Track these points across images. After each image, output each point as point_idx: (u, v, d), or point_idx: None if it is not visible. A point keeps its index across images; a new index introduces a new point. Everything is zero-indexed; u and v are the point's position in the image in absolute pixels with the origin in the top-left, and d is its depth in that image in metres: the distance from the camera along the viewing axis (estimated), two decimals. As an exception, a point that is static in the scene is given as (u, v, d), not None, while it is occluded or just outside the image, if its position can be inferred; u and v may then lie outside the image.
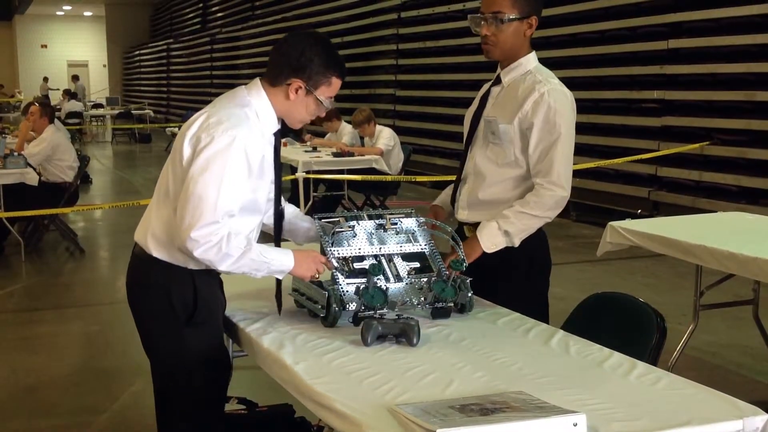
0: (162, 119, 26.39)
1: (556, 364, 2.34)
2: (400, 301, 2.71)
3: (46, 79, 33.41)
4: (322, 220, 2.86)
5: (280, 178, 2.75)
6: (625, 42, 9.51)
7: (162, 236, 2.60)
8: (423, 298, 2.73)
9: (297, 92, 2.62)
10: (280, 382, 2.39)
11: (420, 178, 10.18)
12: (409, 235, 2.90)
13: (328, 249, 2.76)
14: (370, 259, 2.80)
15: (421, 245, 2.89)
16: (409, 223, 2.91)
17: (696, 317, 4.64)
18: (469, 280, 2.80)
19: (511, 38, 2.97)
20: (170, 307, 2.61)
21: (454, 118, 11.84)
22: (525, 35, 2.99)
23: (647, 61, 9.25)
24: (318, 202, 9.35)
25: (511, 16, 2.91)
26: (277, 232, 2.82)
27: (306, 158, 9.05)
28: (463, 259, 2.80)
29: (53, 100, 25.19)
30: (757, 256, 3.72)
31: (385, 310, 2.62)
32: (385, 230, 2.87)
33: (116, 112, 24.31)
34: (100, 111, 25.14)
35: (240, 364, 2.77)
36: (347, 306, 2.64)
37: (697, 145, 8.53)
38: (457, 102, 11.81)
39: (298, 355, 2.39)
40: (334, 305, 2.63)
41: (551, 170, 2.92)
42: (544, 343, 2.52)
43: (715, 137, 8.47)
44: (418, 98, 13.78)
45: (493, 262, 2.95)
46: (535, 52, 3.07)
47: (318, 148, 9.85)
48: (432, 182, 11.27)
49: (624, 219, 4.72)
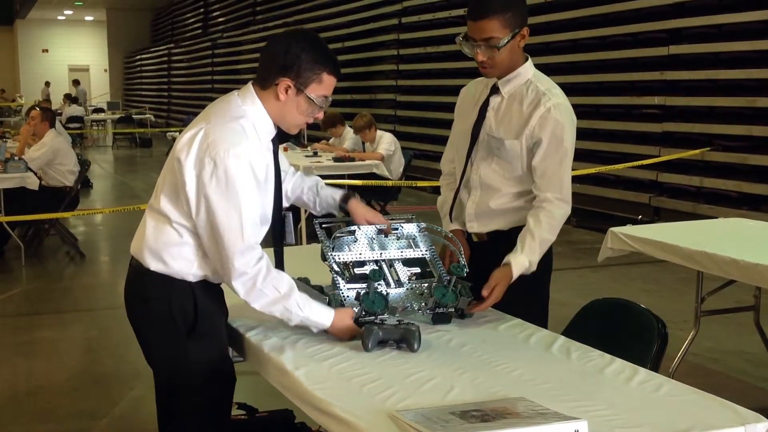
0: (163, 124, 26.42)
1: (557, 370, 2.33)
2: (401, 307, 2.71)
3: (48, 84, 33.45)
4: (323, 225, 2.86)
5: (281, 184, 2.68)
6: (626, 48, 9.52)
7: (158, 249, 2.53)
8: (424, 303, 2.73)
9: (287, 92, 2.50)
10: (280, 388, 2.38)
11: (421, 183, 10.16)
12: (410, 241, 2.90)
13: (329, 254, 2.76)
14: (371, 264, 2.80)
15: (422, 251, 2.88)
16: (410, 228, 2.91)
17: (697, 323, 4.63)
18: (470, 285, 2.79)
19: (508, 57, 2.90)
20: (171, 320, 2.55)
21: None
22: (519, 47, 2.92)
23: (648, 67, 9.25)
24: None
25: (505, 39, 2.83)
26: (279, 237, 2.76)
27: (306, 163, 9.05)
28: (464, 264, 2.79)
29: (54, 105, 25.19)
30: (758, 262, 3.72)
31: (386, 316, 2.61)
32: (386, 235, 2.87)
33: (117, 116, 24.35)
34: (101, 115, 25.16)
35: (240, 370, 2.75)
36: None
37: (698, 151, 8.54)
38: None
39: (299, 361, 2.38)
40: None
41: (561, 187, 2.92)
42: (546, 349, 2.51)
43: (716, 143, 8.47)
44: (419, 103, 13.79)
45: (494, 268, 2.94)
46: (530, 59, 3.02)
47: (319, 153, 9.85)
48: (432, 187, 11.26)
49: (625, 225, 4.72)
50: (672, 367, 4.40)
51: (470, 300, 2.77)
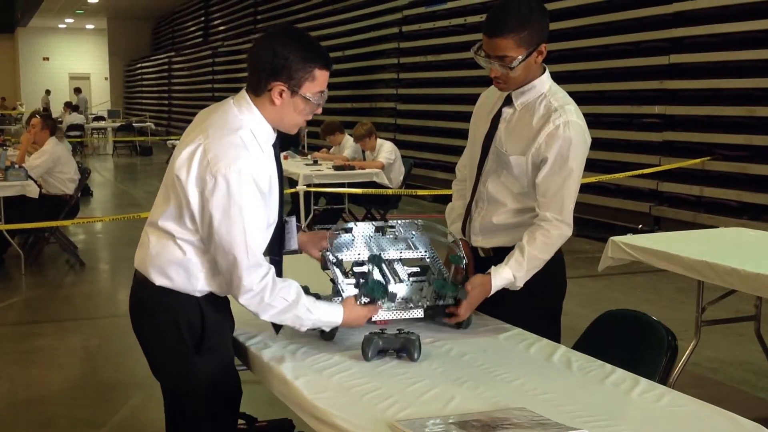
0: (163, 132, 26.44)
1: (558, 380, 2.33)
2: (401, 299, 2.71)
3: (48, 92, 33.48)
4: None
5: (282, 190, 2.63)
6: (627, 57, 9.53)
7: (162, 266, 2.50)
8: (424, 296, 2.72)
9: (281, 96, 2.44)
10: (280, 397, 2.38)
11: (421, 192, 10.17)
12: (409, 242, 2.89)
13: (327, 252, 2.76)
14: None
15: (421, 251, 2.87)
16: (408, 228, 2.89)
17: (698, 333, 4.62)
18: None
19: (523, 73, 2.82)
20: (178, 334, 2.52)
21: (456, 132, 11.86)
22: (536, 62, 2.82)
23: (648, 76, 9.26)
24: (319, 215, 9.35)
25: (519, 58, 2.74)
26: (279, 243, 2.71)
27: (307, 171, 9.05)
28: (463, 256, 2.78)
29: (54, 113, 25.22)
30: (759, 272, 3.72)
31: (386, 303, 2.63)
32: (384, 233, 2.85)
33: (117, 124, 24.38)
34: (102, 123, 25.19)
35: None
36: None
37: (699, 160, 8.54)
38: (459, 116, 11.82)
39: (298, 370, 2.38)
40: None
41: (562, 208, 2.81)
42: (546, 358, 2.51)
43: (717, 152, 8.47)
44: (419, 112, 13.80)
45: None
46: (548, 71, 2.92)
47: (319, 162, 9.86)
48: (432, 196, 11.27)
49: (625, 234, 4.71)
50: (672, 377, 4.38)
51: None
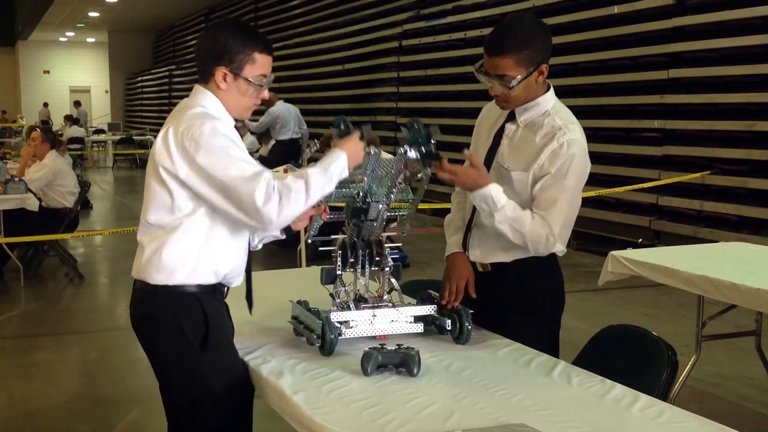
0: (163, 145, 26.41)
1: (557, 396, 2.32)
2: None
3: (46, 105, 33.52)
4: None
5: None
6: (626, 71, 9.55)
7: (159, 262, 2.55)
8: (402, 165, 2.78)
9: (225, 79, 2.60)
10: (279, 412, 2.37)
11: (421, 206, 10.17)
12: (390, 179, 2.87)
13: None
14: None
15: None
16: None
17: (698, 348, 4.61)
18: (472, 312, 2.78)
19: (524, 93, 2.82)
20: (182, 334, 2.56)
21: (455, 145, 11.82)
22: (537, 82, 2.82)
23: (648, 91, 9.27)
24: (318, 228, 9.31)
25: (519, 78, 2.75)
26: None
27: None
28: (426, 133, 2.81)
29: (54, 126, 25.26)
30: (759, 287, 3.71)
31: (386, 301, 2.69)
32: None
33: (118, 137, 24.39)
34: (102, 136, 25.21)
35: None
36: (342, 332, 2.68)
37: (698, 175, 8.54)
38: (458, 130, 11.77)
39: (297, 385, 2.37)
40: (329, 333, 2.61)
41: (552, 221, 2.78)
42: (546, 374, 2.50)
43: (716, 167, 8.48)
44: (419, 126, 13.77)
45: (507, 299, 2.92)
46: (552, 88, 2.92)
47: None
48: (432, 210, 11.26)
49: (625, 248, 4.71)
50: (673, 393, 4.37)
51: (469, 327, 2.75)
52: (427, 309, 2.86)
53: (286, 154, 11.68)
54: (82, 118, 27.98)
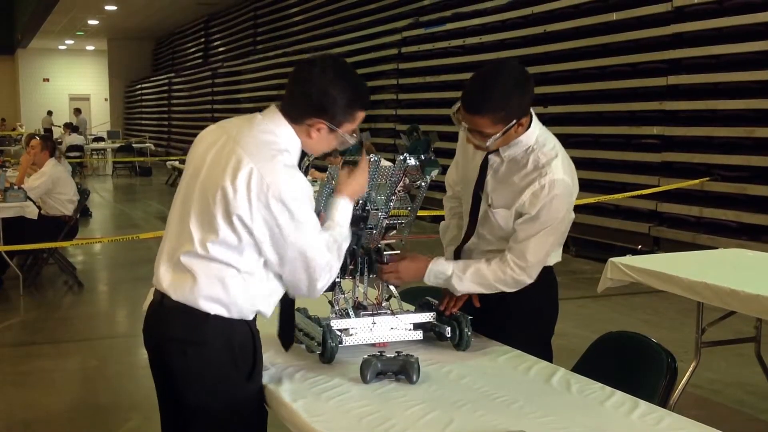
0: (163, 153, 26.48)
1: (557, 402, 2.32)
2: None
3: (50, 113, 33.54)
4: None
5: None
6: (625, 78, 9.56)
7: (218, 294, 2.40)
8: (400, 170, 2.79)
9: (319, 131, 2.46)
10: (281, 419, 2.37)
11: (420, 213, 10.18)
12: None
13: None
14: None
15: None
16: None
17: (698, 354, 4.60)
18: (471, 318, 2.79)
19: (501, 142, 2.76)
20: (233, 361, 2.45)
21: (454, 153, 11.85)
22: (517, 133, 2.75)
23: (647, 97, 9.29)
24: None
25: (496, 135, 2.68)
26: None
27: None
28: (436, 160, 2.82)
29: (54, 134, 25.26)
30: (758, 294, 3.71)
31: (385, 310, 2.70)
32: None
33: (117, 145, 24.41)
34: (101, 144, 25.22)
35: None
36: (343, 339, 2.67)
37: (698, 181, 8.55)
38: (457, 137, 11.83)
39: (297, 393, 2.37)
40: (330, 341, 2.61)
41: (525, 254, 2.76)
42: (546, 381, 2.50)
43: (716, 173, 8.49)
44: (418, 133, 13.79)
45: (502, 308, 2.92)
46: (535, 120, 2.81)
47: (318, 182, 9.86)
48: (432, 216, 11.27)
49: (624, 254, 4.71)
50: (673, 399, 4.36)
51: (468, 333, 2.76)
52: (427, 316, 2.87)
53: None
54: (82, 125, 27.97)
